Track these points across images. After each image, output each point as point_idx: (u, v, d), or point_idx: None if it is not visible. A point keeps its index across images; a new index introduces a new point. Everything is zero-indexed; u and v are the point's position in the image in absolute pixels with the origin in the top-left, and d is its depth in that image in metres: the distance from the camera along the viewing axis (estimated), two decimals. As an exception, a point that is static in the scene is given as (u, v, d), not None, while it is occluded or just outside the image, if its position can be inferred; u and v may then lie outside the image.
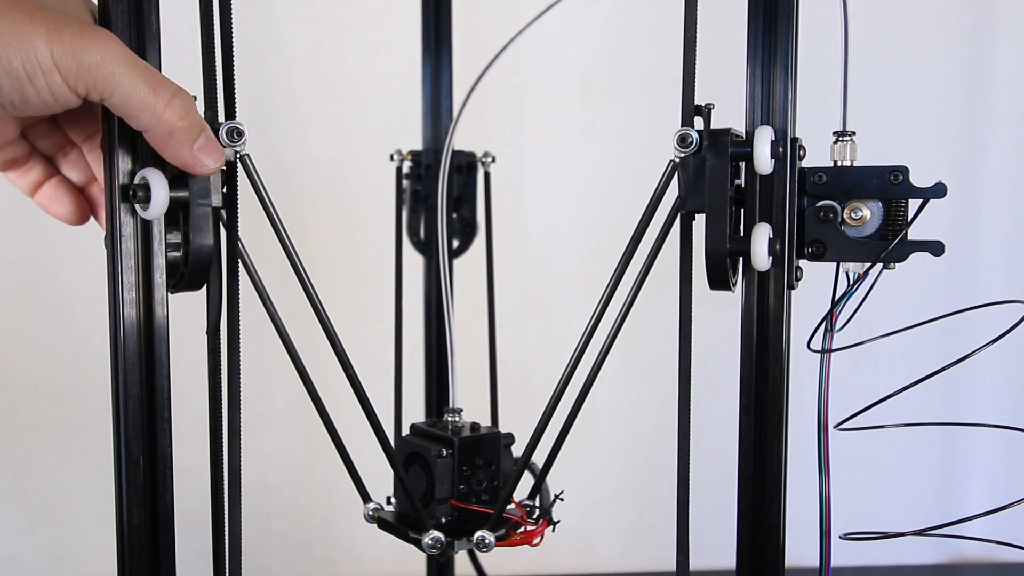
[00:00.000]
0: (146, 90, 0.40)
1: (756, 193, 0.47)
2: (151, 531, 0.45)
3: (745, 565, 0.48)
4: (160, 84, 0.41)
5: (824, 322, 0.49)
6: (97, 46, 0.39)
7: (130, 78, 0.40)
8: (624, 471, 1.19)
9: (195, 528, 0.56)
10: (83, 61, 0.38)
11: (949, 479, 1.20)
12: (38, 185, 0.50)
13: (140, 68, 0.40)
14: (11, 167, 0.48)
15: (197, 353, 0.47)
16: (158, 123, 0.41)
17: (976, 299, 1.12)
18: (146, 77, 0.40)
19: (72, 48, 0.38)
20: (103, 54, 0.39)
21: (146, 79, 0.40)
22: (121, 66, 0.39)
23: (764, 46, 0.46)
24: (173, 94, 0.41)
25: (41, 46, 0.38)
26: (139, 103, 0.40)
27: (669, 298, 0.49)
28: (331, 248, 1.12)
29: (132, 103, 0.40)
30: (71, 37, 0.38)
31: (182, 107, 0.42)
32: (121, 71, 0.39)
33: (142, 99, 0.40)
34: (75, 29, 0.39)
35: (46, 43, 0.38)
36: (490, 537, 0.53)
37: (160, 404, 0.45)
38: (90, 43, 0.39)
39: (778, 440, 0.47)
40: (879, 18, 1.12)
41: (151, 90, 0.40)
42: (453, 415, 0.59)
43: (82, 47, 0.38)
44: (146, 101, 0.40)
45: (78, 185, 0.51)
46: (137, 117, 0.41)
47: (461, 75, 0.80)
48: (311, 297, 0.50)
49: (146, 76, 0.40)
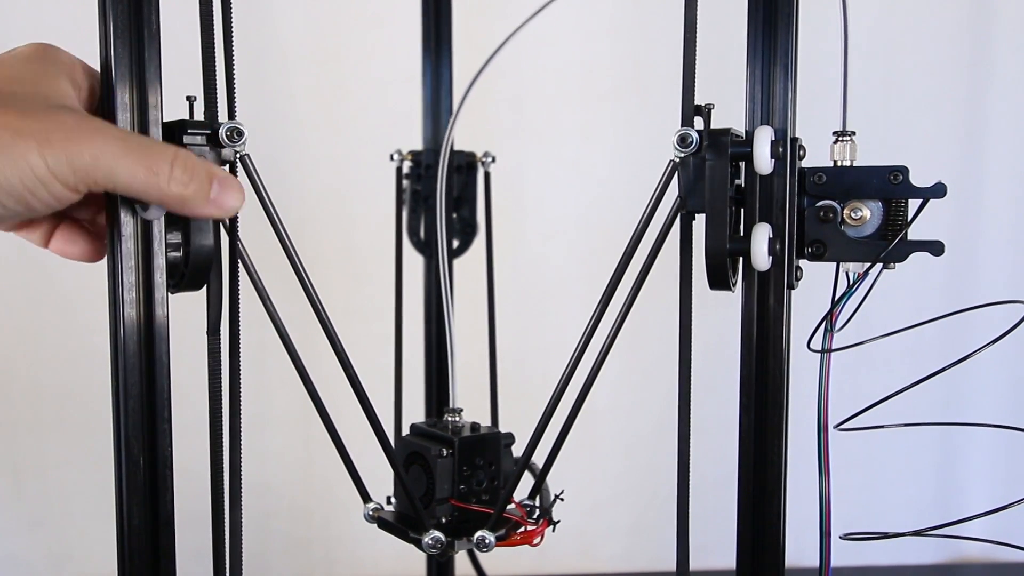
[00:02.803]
0: (144, 173, 0.40)
1: (756, 193, 0.47)
2: (151, 531, 0.45)
3: (745, 565, 0.48)
4: (157, 160, 0.41)
5: (824, 322, 0.49)
6: (88, 146, 0.39)
7: (126, 167, 0.40)
8: (624, 471, 1.19)
9: (195, 528, 0.56)
10: (78, 166, 0.38)
11: (949, 479, 1.20)
12: (49, 235, 0.49)
13: (134, 151, 0.40)
14: (21, 228, 0.47)
15: (197, 353, 0.47)
16: (166, 198, 0.42)
17: (976, 299, 1.12)
18: (141, 159, 0.40)
19: (65, 155, 0.38)
20: (95, 153, 0.39)
21: (142, 161, 0.40)
22: (116, 158, 0.39)
23: (764, 46, 0.46)
24: (172, 165, 0.41)
25: (35, 160, 0.38)
26: (141, 187, 0.41)
27: (669, 298, 0.49)
28: (331, 248, 1.12)
29: (135, 189, 0.41)
30: (62, 143, 0.38)
31: (183, 174, 0.41)
32: (116, 163, 0.39)
33: (143, 183, 0.40)
34: (63, 133, 0.38)
35: (39, 156, 0.38)
36: (490, 537, 0.53)
37: (160, 404, 0.45)
38: (80, 145, 0.38)
39: (778, 440, 0.47)
40: (879, 18, 1.12)
41: (149, 171, 0.40)
42: (453, 415, 0.59)
43: (74, 152, 0.38)
44: (148, 183, 0.40)
45: (87, 221, 0.50)
46: (146, 196, 0.42)
47: (461, 75, 0.80)
48: (311, 297, 0.50)
49: (141, 157, 0.40)
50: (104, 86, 0.44)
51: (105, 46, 0.44)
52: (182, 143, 0.45)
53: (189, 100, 0.46)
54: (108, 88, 0.44)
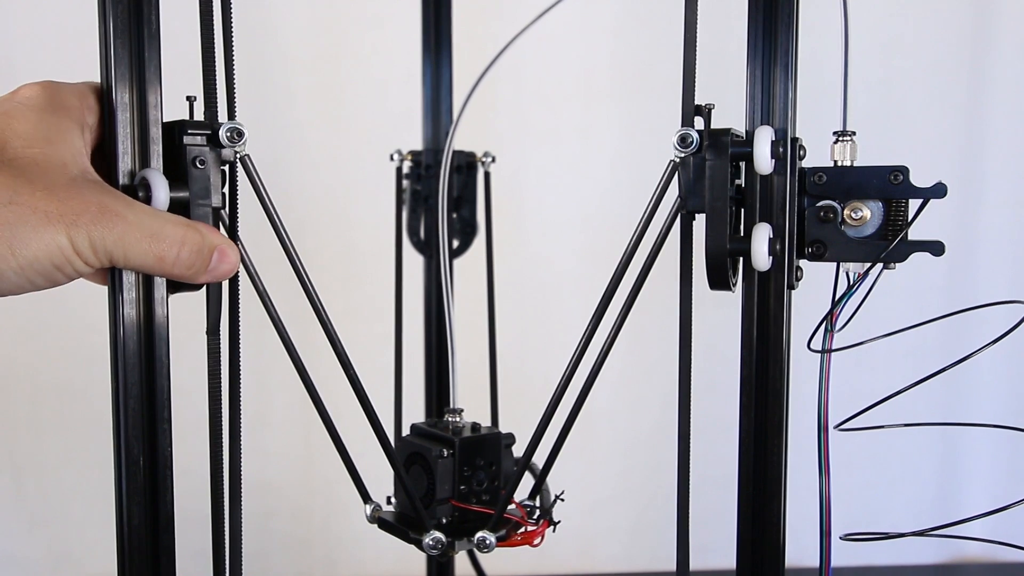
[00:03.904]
0: (154, 260, 0.43)
1: (756, 193, 0.47)
2: (151, 531, 0.45)
3: (745, 565, 0.48)
4: (166, 247, 0.43)
5: (824, 322, 0.49)
6: (110, 230, 0.41)
7: (139, 253, 0.42)
8: (624, 471, 1.19)
9: (195, 528, 0.56)
10: (100, 247, 0.41)
11: (949, 479, 1.20)
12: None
13: (147, 239, 0.42)
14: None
15: (197, 353, 0.47)
16: (169, 276, 0.44)
17: (976, 299, 1.12)
18: (153, 246, 0.43)
19: (89, 237, 0.41)
20: (116, 238, 0.41)
21: (153, 249, 0.43)
22: (132, 244, 0.42)
23: (764, 46, 0.46)
24: (179, 251, 0.43)
25: (63, 242, 0.40)
26: (148, 269, 0.43)
27: (669, 298, 0.49)
28: (331, 248, 1.12)
29: (145, 269, 0.43)
30: (88, 226, 0.41)
31: (189, 257, 0.44)
32: (132, 249, 0.42)
33: (151, 266, 0.43)
34: (89, 216, 0.41)
35: (67, 238, 0.40)
36: (491, 537, 0.53)
37: (160, 404, 0.45)
38: (103, 229, 0.41)
39: (778, 440, 0.47)
40: (879, 18, 1.12)
41: (159, 260, 0.43)
42: (453, 415, 0.59)
43: (97, 235, 0.41)
44: (155, 267, 0.43)
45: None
46: (152, 274, 0.44)
47: (461, 75, 0.80)
48: (311, 297, 0.50)
49: (153, 245, 0.43)
50: (104, 86, 0.44)
51: (105, 46, 0.44)
52: (182, 143, 0.45)
53: (189, 100, 0.46)
54: (108, 88, 0.44)
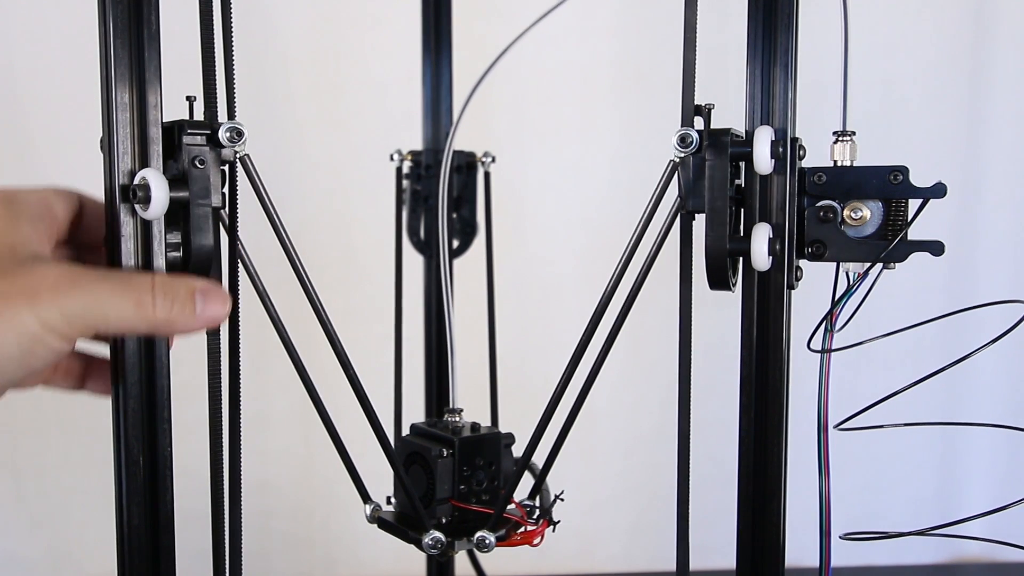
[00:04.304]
0: (133, 306, 0.40)
1: (756, 193, 0.47)
2: (151, 531, 0.45)
3: (745, 565, 0.48)
4: (139, 291, 0.41)
5: (824, 322, 0.49)
6: (76, 293, 0.39)
7: (115, 305, 0.40)
8: (624, 471, 1.19)
9: (195, 528, 0.56)
10: (71, 314, 0.38)
11: (949, 479, 1.20)
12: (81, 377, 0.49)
13: (118, 288, 0.40)
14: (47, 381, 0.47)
15: (197, 353, 0.47)
16: (156, 325, 0.41)
17: (976, 299, 1.12)
18: (127, 293, 0.40)
19: (56, 307, 0.38)
20: (84, 299, 0.39)
21: (128, 295, 0.40)
22: (103, 298, 0.39)
23: (764, 46, 0.46)
24: (152, 293, 0.41)
25: (28, 319, 0.38)
26: (131, 320, 0.41)
27: (669, 298, 0.49)
28: (331, 248, 1.12)
29: (125, 324, 0.41)
30: (50, 297, 0.38)
31: (164, 299, 0.41)
32: (106, 303, 0.39)
33: (133, 315, 0.40)
34: (48, 286, 0.38)
35: (31, 314, 0.38)
36: (490, 537, 0.53)
37: (160, 404, 0.45)
38: (68, 295, 0.39)
39: (778, 440, 0.47)
40: (879, 18, 1.12)
41: (137, 304, 0.40)
42: (453, 415, 0.59)
43: (64, 303, 0.38)
44: (137, 315, 0.41)
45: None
46: (136, 329, 0.42)
47: (461, 75, 0.80)
48: (311, 297, 0.50)
49: (126, 292, 0.40)
50: (104, 86, 0.44)
51: (105, 46, 0.44)
52: (182, 143, 0.45)
53: (189, 100, 0.46)
54: (108, 88, 0.44)
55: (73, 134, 0.95)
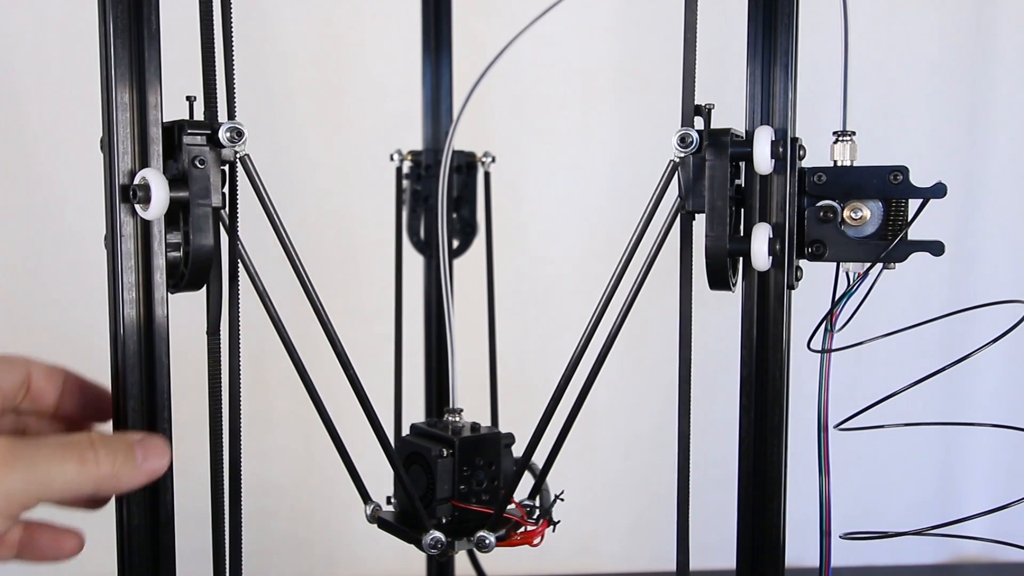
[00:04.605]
0: (76, 466, 0.39)
1: (756, 193, 0.47)
2: (151, 531, 0.45)
3: (745, 565, 0.48)
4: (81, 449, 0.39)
5: (824, 322, 0.49)
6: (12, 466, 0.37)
7: (59, 467, 0.38)
8: (624, 471, 1.19)
9: (195, 528, 0.56)
10: (11, 491, 0.37)
11: (949, 479, 1.20)
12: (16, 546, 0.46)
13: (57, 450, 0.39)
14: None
15: (197, 353, 0.47)
16: (100, 481, 0.40)
17: (976, 299, 1.12)
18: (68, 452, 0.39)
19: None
20: (23, 473, 0.37)
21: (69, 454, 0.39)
22: (45, 464, 0.38)
23: (764, 46, 0.46)
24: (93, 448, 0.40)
25: None
26: (76, 481, 0.39)
27: (669, 298, 0.49)
28: (331, 248, 1.12)
29: (71, 488, 0.39)
30: None
31: (105, 452, 0.40)
32: (49, 470, 0.38)
33: (77, 473, 0.39)
34: None
35: None
36: (490, 537, 0.53)
37: (160, 404, 0.45)
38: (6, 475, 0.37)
39: (778, 440, 0.47)
40: (879, 18, 1.12)
41: (79, 461, 0.39)
42: (453, 415, 0.59)
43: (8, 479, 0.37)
44: (82, 473, 0.39)
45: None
46: (81, 489, 0.40)
47: (461, 75, 0.80)
48: (311, 297, 0.50)
49: (67, 451, 0.39)
50: (104, 86, 0.44)
51: (105, 46, 0.44)
52: (182, 143, 0.45)
53: (189, 100, 0.46)
54: (108, 88, 0.44)
55: (73, 134, 0.95)
